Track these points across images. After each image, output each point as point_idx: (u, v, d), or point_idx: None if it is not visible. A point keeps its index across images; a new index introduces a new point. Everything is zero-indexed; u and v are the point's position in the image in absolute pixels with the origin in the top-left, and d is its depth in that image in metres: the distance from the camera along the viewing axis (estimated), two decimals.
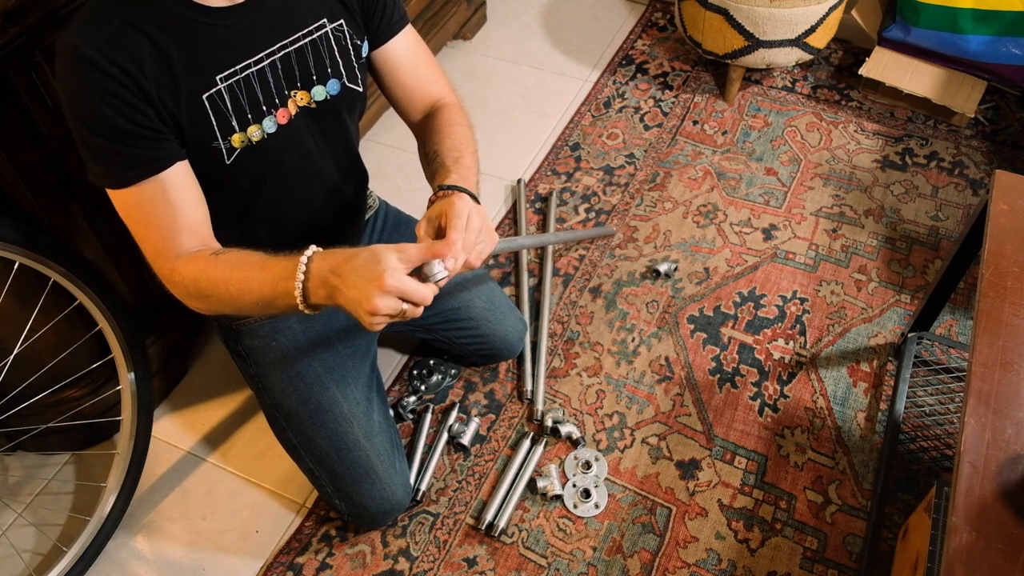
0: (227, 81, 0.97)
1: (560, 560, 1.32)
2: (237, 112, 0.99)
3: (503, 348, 1.50)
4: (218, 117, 0.97)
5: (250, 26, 0.98)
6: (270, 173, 1.07)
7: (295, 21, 1.02)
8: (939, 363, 1.55)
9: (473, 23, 2.37)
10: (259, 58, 0.99)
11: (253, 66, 0.99)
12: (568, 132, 2.08)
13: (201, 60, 0.94)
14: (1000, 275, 1.04)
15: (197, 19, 0.94)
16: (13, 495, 1.44)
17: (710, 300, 1.68)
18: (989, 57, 1.92)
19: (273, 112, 1.03)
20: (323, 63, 1.06)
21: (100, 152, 0.92)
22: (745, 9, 1.87)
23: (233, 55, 0.97)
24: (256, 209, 1.11)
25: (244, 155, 1.02)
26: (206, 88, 0.96)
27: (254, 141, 1.02)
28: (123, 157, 0.92)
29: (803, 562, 1.31)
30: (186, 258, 0.96)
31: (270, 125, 1.03)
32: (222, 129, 0.98)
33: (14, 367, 1.22)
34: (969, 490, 0.85)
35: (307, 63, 1.04)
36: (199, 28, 0.94)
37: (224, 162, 1.01)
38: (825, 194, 1.88)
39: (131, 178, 0.93)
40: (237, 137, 1.00)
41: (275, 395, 1.25)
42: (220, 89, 0.97)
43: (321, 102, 1.08)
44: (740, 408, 1.50)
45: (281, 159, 1.07)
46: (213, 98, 0.96)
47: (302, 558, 1.35)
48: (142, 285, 1.44)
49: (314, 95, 1.07)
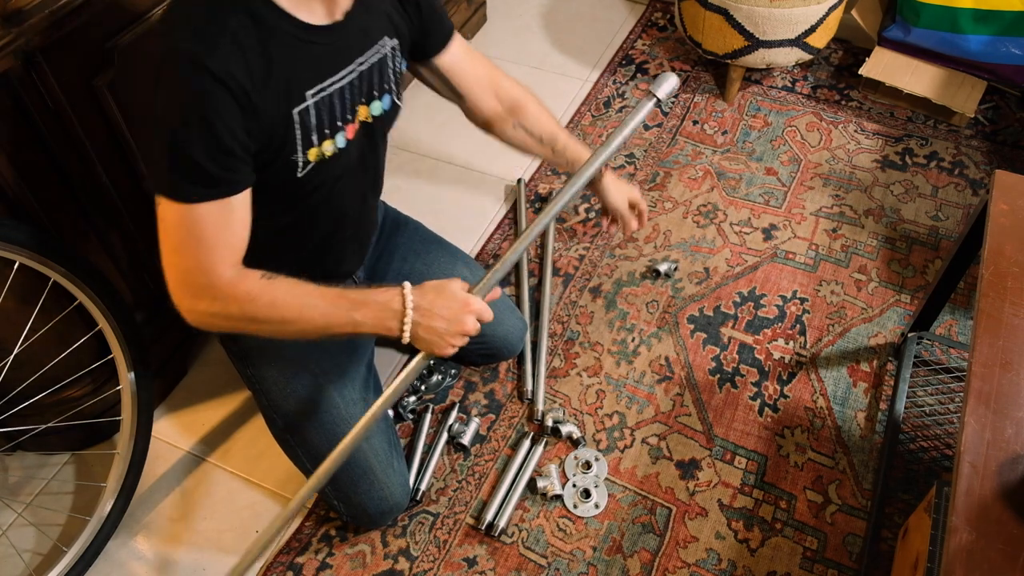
0: (315, 97, 0.98)
1: (560, 560, 1.32)
2: (319, 127, 1.00)
3: (503, 348, 1.50)
4: (303, 131, 0.99)
5: (340, 43, 1.00)
6: (329, 186, 1.09)
7: (370, 39, 1.05)
8: (939, 363, 1.55)
9: (473, 23, 2.37)
10: (342, 75, 1.01)
11: (337, 83, 1.01)
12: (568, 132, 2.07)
13: (296, 74, 0.95)
14: (1000, 275, 1.04)
15: (297, 35, 0.95)
16: (13, 495, 1.44)
17: (710, 300, 1.68)
18: (989, 57, 1.92)
19: (344, 128, 1.05)
20: (382, 79, 1.09)
21: (180, 165, 0.89)
22: (745, 9, 1.87)
23: (323, 71, 0.99)
24: (302, 219, 1.12)
25: (315, 169, 1.03)
26: (298, 102, 0.97)
27: (327, 156, 1.03)
28: (208, 175, 0.90)
29: (803, 562, 1.31)
30: (236, 275, 0.96)
31: (341, 140, 1.05)
32: (304, 143, 1.00)
33: (14, 367, 1.22)
34: (969, 490, 0.84)
35: (372, 79, 1.07)
36: (298, 44, 0.95)
37: (296, 175, 1.02)
38: (825, 194, 1.88)
39: (205, 195, 0.92)
40: (314, 151, 1.01)
41: (272, 396, 1.25)
42: (308, 105, 0.98)
43: (377, 117, 1.10)
44: (740, 408, 1.50)
45: (341, 173, 1.09)
46: (302, 113, 0.97)
47: (302, 558, 1.35)
48: (142, 285, 1.44)
49: (372, 110, 1.09)
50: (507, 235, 1.84)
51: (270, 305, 0.98)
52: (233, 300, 0.97)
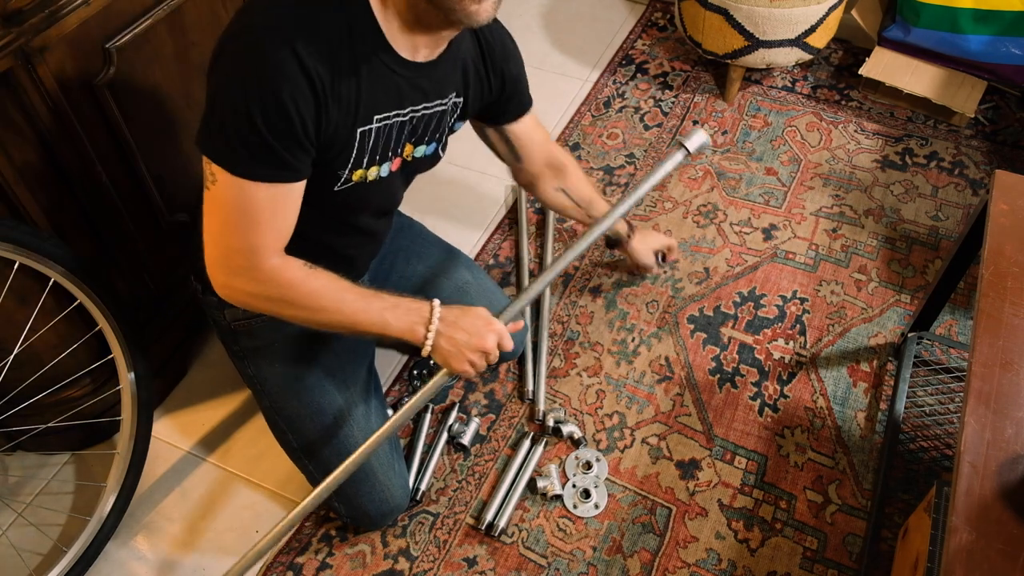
0: (381, 123, 1.01)
1: (560, 560, 1.32)
2: (372, 152, 1.03)
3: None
4: (360, 151, 1.01)
5: (418, 83, 1.03)
6: (356, 207, 1.11)
7: (442, 89, 1.08)
8: (939, 363, 1.55)
9: None
10: (409, 111, 1.04)
11: (402, 116, 1.04)
12: (568, 132, 2.08)
13: (371, 97, 0.98)
14: (1000, 275, 1.04)
15: (385, 61, 0.97)
16: (13, 495, 1.44)
17: (710, 300, 1.68)
18: (989, 57, 1.92)
19: (391, 159, 1.07)
20: (436, 128, 1.12)
21: (251, 141, 0.90)
22: (745, 9, 1.87)
23: (395, 102, 1.01)
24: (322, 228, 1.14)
25: (352, 189, 1.05)
26: (364, 123, 0.99)
27: (369, 180, 1.06)
28: (276, 157, 0.92)
29: (803, 562, 1.31)
30: (280, 261, 1.00)
31: (385, 170, 1.08)
32: (356, 162, 1.02)
33: (14, 367, 1.22)
34: (969, 490, 0.85)
35: (429, 124, 1.10)
36: (382, 70, 0.97)
37: (333, 188, 1.04)
38: (825, 194, 1.88)
39: (268, 176, 0.93)
40: (360, 172, 1.04)
41: (273, 397, 1.25)
42: (372, 128, 1.00)
43: (417, 159, 1.13)
44: (740, 408, 1.50)
45: (370, 201, 1.12)
46: (365, 133, 1.00)
47: (302, 558, 1.35)
48: (142, 285, 1.44)
49: (416, 152, 1.12)
50: (507, 235, 1.84)
51: (309, 294, 1.02)
52: (275, 284, 1.00)
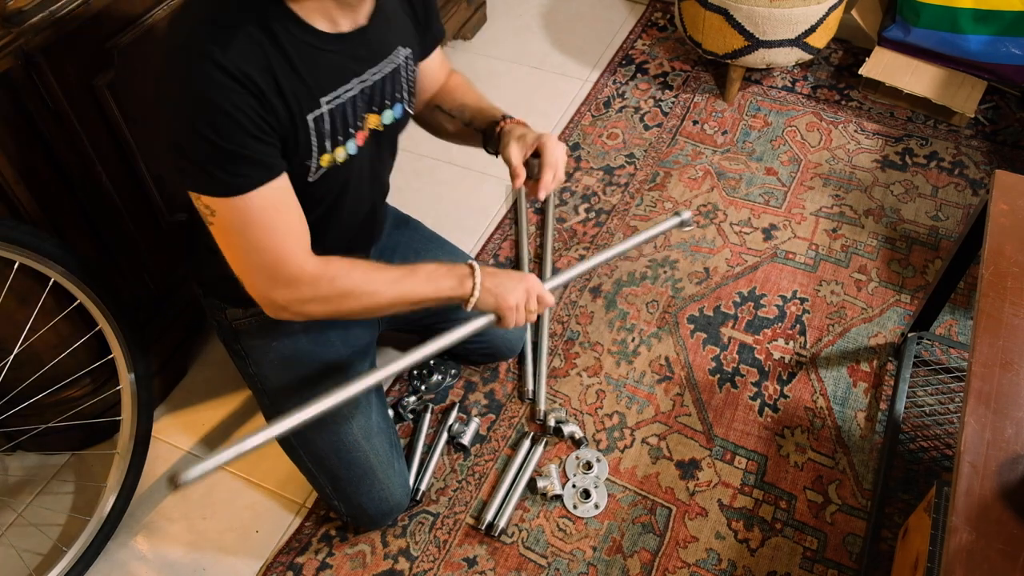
0: (330, 104, 0.99)
1: (560, 560, 1.32)
2: (332, 133, 1.01)
3: (503, 347, 1.50)
4: (318, 137, 0.99)
5: (355, 52, 1.00)
6: (338, 193, 1.10)
7: (384, 48, 1.05)
8: (939, 363, 1.55)
9: (473, 23, 2.37)
10: (356, 83, 1.02)
11: (350, 91, 1.01)
12: (568, 132, 2.08)
13: (310, 82, 0.95)
14: (1000, 275, 1.04)
15: (311, 42, 0.94)
16: (13, 495, 1.44)
17: (710, 300, 1.68)
18: (989, 57, 1.92)
19: (355, 134, 1.05)
20: (394, 88, 1.09)
21: (221, 159, 0.89)
22: (745, 9, 1.87)
23: (337, 80, 0.99)
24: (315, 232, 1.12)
25: (324, 175, 1.04)
26: (313, 108, 0.97)
27: (339, 162, 1.04)
28: (247, 162, 0.91)
29: (803, 562, 1.31)
30: (316, 259, 1.01)
31: (352, 147, 1.05)
32: (318, 148, 1.00)
33: (14, 367, 1.22)
34: (969, 490, 0.84)
35: (384, 88, 1.07)
36: (311, 51, 0.95)
37: (307, 179, 1.02)
38: (825, 194, 1.88)
39: (254, 182, 0.92)
40: (327, 157, 1.02)
41: (274, 395, 1.25)
42: (323, 112, 0.98)
43: (388, 125, 1.11)
44: (740, 408, 1.50)
45: (349, 180, 1.09)
46: (317, 119, 0.98)
47: (302, 558, 1.35)
48: (142, 285, 1.44)
49: (383, 119, 1.09)
50: (507, 235, 1.84)
51: (362, 281, 1.03)
52: (325, 281, 1.01)
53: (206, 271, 1.23)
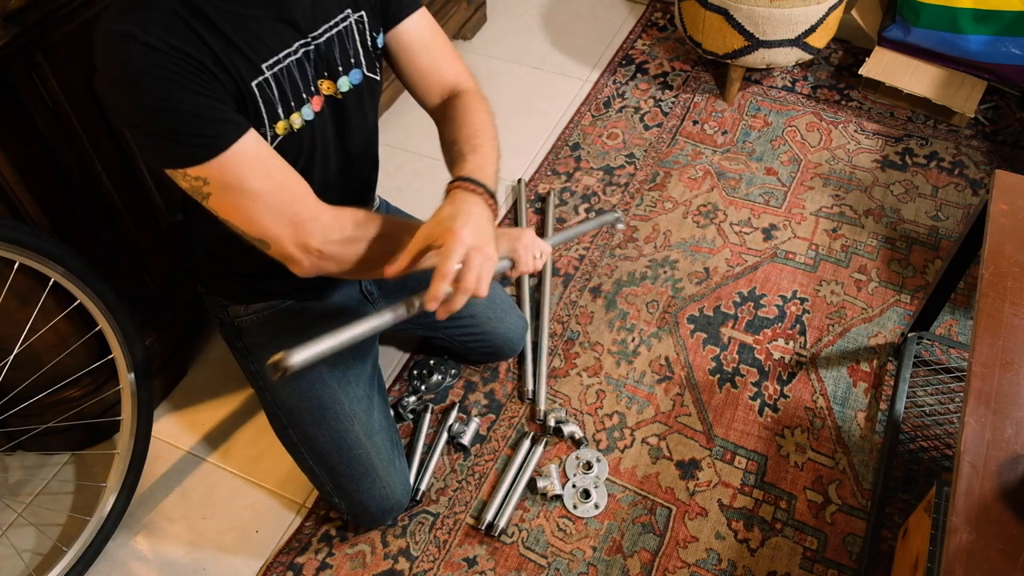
0: (272, 70, 0.98)
1: (560, 560, 1.32)
2: (283, 100, 1.00)
3: (504, 346, 1.50)
4: (267, 104, 0.98)
5: (286, 16, 0.99)
6: (303, 161, 1.08)
7: (324, 12, 1.03)
8: (939, 363, 1.55)
9: (473, 23, 2.37)
10: (296, 47, 1.00)
11: (293, 55, 1.00)
12: (568, 132, 2.08)
13: (246, 49, 0.95)
14: (1000, 275, 1.04)
15: (234, 9, 0.93)
16: (13, 495, 1.44)
17: (710, 300, 1.68)
18: (989, 57, 1.92)
19: (309, 100, 1.04)
20: (347, 53, 1.07)
21: (187, 127, 0.89)
22: (745, 9, 1.87)
23: (274, 44, 0.98)
24: None
25: (284, 143, 1.02)
26: (255, 75, 0.96)
27: (296, 128, 1.03)
28: (214, 121, 0.90)
29: (803, 562, 1.31)
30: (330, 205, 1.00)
31: (308, 112, 1.04)
32: (270, 116, 0.99)
33: (14, 367, 1.22)
34: (969, 490, 0.84)
35: (333, 53, 1.06)
36: (238, 18, 0.94)
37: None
38: (825, 194, 1.88)
39: (230, 138, 0.91)
40: (282, 125, 1.01)
41: (276, 392, 1.25)
42: (267, 77, 0.97)
43: (346, 92, 1.09)
44: (740, 408, 1.50)
45: (313, 148, 1.08)
46: (262, 85, 0.97)
47: (302, 558, 1.35)
48: (142, 285, 1.44)
49: (340, 86, 1.08)
50: None
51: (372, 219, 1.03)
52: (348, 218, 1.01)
53: (207, 269, 1.23)
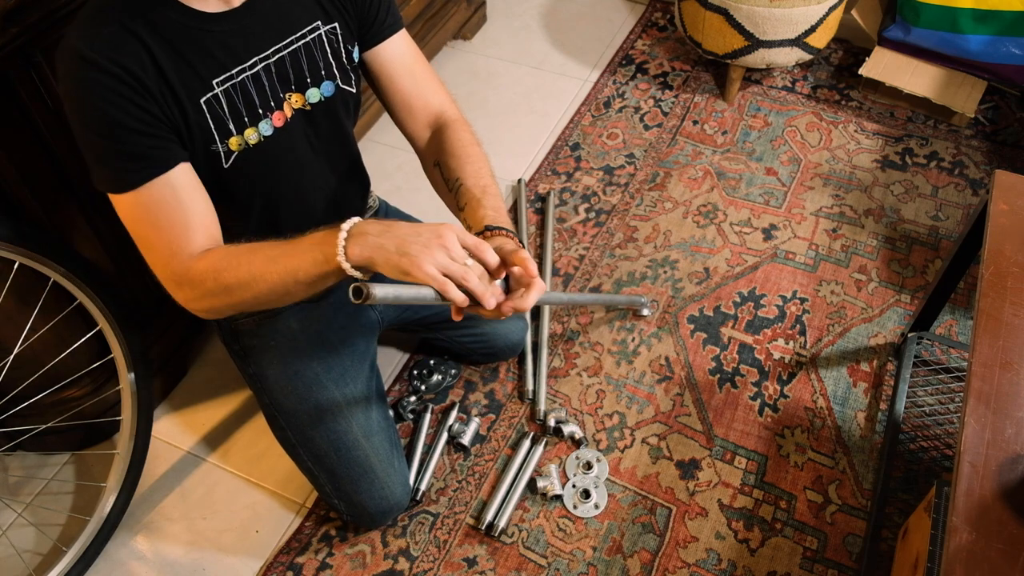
0: (223, 85, 0.97)
1: (560, 560, 1.32)
2: (234, 115, 0.99)
3: (504, 346, 1.50)
4: (215, 121, 0.98)
5: (244, 31, 0.98)
6: (268, 177, 1.07)
7: (288, 24, 1.02)
8: (939, 363, 1.55)
9: (473, 23, 2.37)
10: (254, 62, 1.00)
11: (248, 70, 0.99)
12: (568, 132, 2.08)
13: (196, 65, 0.95)
14: (1000, 275, 1.04)
15: (191, 24, 0.94)
16: (13, 495, 1.44)
17: (710, 300, 1.68)
18: (989, 57, 1.92)
19: (269, 115, 1.03)
20: (316, 65, 1.07)
21: (107, 155, 0.91)
22: (745, 9, 1.87)
23: (228, 60, 0.97)
24: (253, 215, 1.11)
25: (241, 159, 1.02)
26: (203, 92, 0.96)
27: (251, 144, 1.02)
28: (130, 157, 0.91)
29: (803, 562, 1.31)
30: (202, 253, 0.95)
31: (266, 128, 1.03)
32: (220, 132, 0.99)
33: (14, 367, 1.22)
34: (969, 490, 0.85)
35: (301, 65, 1.05)
36: (193, 33, 0.94)
37: (222, 166, 1.01)
38: (825, 194, 1.88)
39: (139, 179, 0.92)
40: (235, 140, 1.00)
41: (274, 395, 1.25)
42: (217, 93, 0.97)
43: (316, 104, 1.08)
44: (740, 408, 1.50)
45: (279, 162, 1.07)
46: (210, 102, 0.97)
47: (302, 558, 1.35)
48: (142, 285, 1.44)
49: (308, 97, 1.07)
50: None
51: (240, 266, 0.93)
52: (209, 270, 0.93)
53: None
